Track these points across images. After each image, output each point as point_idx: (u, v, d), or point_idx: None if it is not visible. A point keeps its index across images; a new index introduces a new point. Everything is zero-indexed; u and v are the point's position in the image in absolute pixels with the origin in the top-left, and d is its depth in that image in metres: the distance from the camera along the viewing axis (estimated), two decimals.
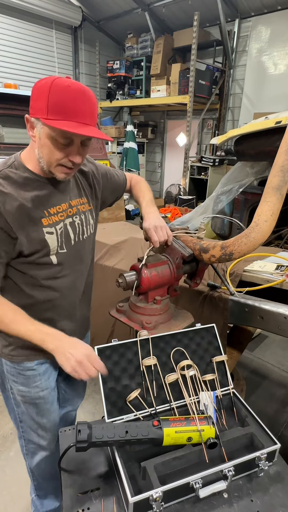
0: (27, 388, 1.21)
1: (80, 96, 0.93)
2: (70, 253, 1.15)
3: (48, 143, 0.96)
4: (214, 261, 1.24)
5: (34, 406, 1.25)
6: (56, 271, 1.13)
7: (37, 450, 1.33)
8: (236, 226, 4.04)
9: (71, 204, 1.16)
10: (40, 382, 1.22)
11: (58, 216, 1.10)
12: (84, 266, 1.25)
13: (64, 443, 1.03)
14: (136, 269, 1.22)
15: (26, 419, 1.27)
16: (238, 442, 0.98)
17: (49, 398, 1.26)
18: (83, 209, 1.21)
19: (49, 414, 1.28)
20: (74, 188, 1.20)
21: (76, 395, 1.53)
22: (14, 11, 6.44)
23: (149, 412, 1.02)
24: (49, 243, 1.07)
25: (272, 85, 6.03)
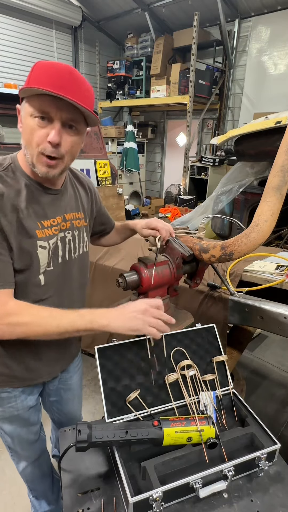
0: (1, 408, 1.14)
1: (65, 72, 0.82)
2: (56, 272, 1.03)
3: (28, 124, 0.86)
4: (214, 261, 1.24)
5: (9, 422, 1.19)
6: (42, 293, 1.01)
7: (20, 458, 1.31)
8: (236, 226, 4.04)
9: (65, 218, 1.05)
10: (15, 403, 1.14)
11: (52, 229, 0.99)
12: (73, 289, 1.13)
13: (64, 443, 1.03)
14: (136, 269, 1.22)
15: (5, 429, 1.21)
16: (238, 442, 0.98)
17: (25, 415, 1.19)
18: (78, 224, 1.11)
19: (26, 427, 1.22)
20: (71, 200, 1.10)
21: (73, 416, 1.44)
22: (14, 11, 6.44)
23: (149, 412, 1.02)
24: (40, 259, 0.96)
25: (272, 85, 6.03)
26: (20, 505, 1.73)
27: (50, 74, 0.81)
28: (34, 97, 0.83)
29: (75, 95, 0.82)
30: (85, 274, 1.21)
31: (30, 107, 0.84)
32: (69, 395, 1.36)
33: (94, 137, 3.66)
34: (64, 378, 1.30)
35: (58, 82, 0.80)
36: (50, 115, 0.84)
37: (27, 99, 0.85)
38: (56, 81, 0.80)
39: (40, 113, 0.84)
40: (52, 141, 0.85)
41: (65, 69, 0.83)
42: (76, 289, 1.15)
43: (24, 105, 0.87)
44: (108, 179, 3.92)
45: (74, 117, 0.87)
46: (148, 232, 1.21)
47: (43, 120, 0.85)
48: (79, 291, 1.18)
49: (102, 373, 1.01)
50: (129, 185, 7.67)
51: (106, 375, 1.02)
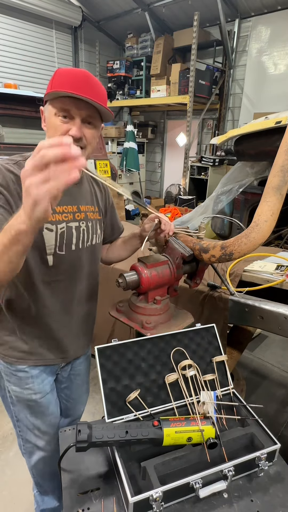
0: (19, 389, 1.21)
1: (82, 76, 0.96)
2: (68, 258, 1.12)
3: (52, 123, 0.98)
4: (214, 261, 1.24)
5: (28, 407, 1.24)
6: (52, 274, 1.10)
7: (35, 450, 1.33)
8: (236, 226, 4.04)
9: (80, 209, 1.15)
10: (32, 385, 1.21)
11: (62, 215, 1.09)
12: (84, 274, 1.21)
13: (64, 443, 1.03)
14: (136, 269, 1.22)
15: (22, 418, 1.27)
16: (238, 442, 0.98)
17: (43, 401, 1.25)
18: (92, 216, 1.20)
19: (44, 416, 1.27)
20: (87, 194, 1.20)
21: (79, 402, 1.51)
22: (14, 11, 6.43)
23: (149, 412, 1.02)
24: (45, 240, 1.04)
25: (272, 85, 6.02)
26: (20, 505, 1.73)
27: (70, 79, 0.95)
28: (56, 99, 0.97)
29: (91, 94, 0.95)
30: (96, 264, 1.28)
31: (53, 108, 0.98)
32: (79, 380, 1.42)
33: None
34: (75, 364, 1.38)
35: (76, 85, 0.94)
36: (71, 113, 0.97)
37: (50, 102, 0.99)
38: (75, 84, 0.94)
39: (62, 112, 0.97)
40: (75, 135, 0.97)
41: (82, 73, 0.98)
42: (85, 277, 1.22)
43: (48, 106, 1.00)
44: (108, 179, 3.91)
45: (91, 114, 1.00)
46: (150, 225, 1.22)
47: (65, 118, 0.98)
48: (88, 279, 1.24)
49: (102, 373, 1.01)
50: (129, 185, 7.67)
51: (106, 375, 1.02)
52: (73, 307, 1.21)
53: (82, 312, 1.26)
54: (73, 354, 1.31)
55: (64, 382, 1.38)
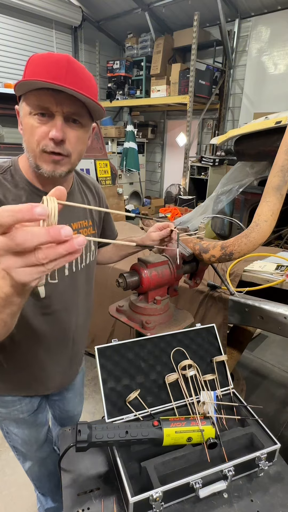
0: (5, 410, 1.15)
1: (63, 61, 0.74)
2: (62, 285, 0.99)
3: (27, 123, 0.79)
4: (214, 261, 1.24)
5: (15, 422, 1.20)
6: (44, 306, 0.97)
7: (26, 458, 1.32)
8: (236, 226, 4.04)
9: (71, 227, 0.99)
10: (19, 406, 1.15)
11: None
12: (80, 299, 1.10)
13: (64, 443, 1.03)
14: (136, 269, 1.22)
15: (10, 432, 1.23)
16: (238, 442, 0.98)
17: (31, 418, 1.20)
18: (85, 233, 1.05)
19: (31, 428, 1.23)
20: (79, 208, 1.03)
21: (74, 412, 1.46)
22: (14, 11, 6.44)
23: (149, 412, 1.02)
24: None
25: (272, 85, 6.02)
26: (20, 505, 1.73)
27: (46, 65, 0.74)
28: (31, 93, 0.76)
29: (75, 85, 0.73)
30: (91, 282, 1.18)
31: (27, 106, 0.78)
32: (71, 394, 1.38)
33: (94, 137, 3.66)
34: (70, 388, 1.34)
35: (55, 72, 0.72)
36: (50, 110, 0.76)
37: (24, 97, 0.79)
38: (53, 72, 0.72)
39: (39, 110, 0.76)
40: (55, 138, 0.77)
41: (62, 58, 0.74)
42: (82, 299, 1.12)
43: (22, 104, 0.80)
44: (108, 179, 3.92)
45: (76, 110, 0.79)
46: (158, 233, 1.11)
47: (43, 117, 0.77)
48: (84, 300, 1.14)
49: (102, 373, 1.01)
50: (129, 185, 7.67)
51: (106, 375, 1.02)
52: (70, 334, 1.11)
53: (78, 337, 1.17)
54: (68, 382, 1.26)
55: (56, 395, 1.33)
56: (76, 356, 1.21)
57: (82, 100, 0.76)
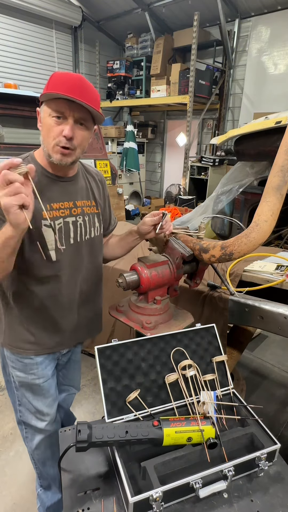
0: (24, 374, 1.27)
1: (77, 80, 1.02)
2: (68, 251, 1.18)
3: (46, 123, 1.04)
4: (214, 261, 1.24)
5: (31, 391, 1.31)
6: (56, 268, 1.16)
7: (36, 432, 1.38)
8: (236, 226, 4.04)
9: (76, 204, 1.20)
10: (36, 371, 1.27)
11: (59, 212, 1.15)
12: (84, 267, 1.26)
13: (64, 443, 1.03)
14: (136, 269, 1.22)
15: (24, 402, 1.33)
16: (238, 442, 0.98)
17: (45, 385, 1.31)
18: (88, 210, 1.25)
19: (45, 398, 1.34)
20: (82, 190, 1.25)
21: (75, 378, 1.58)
22: (14, 11, 6.43)
23: (149, 412, 1.02)
24: (45, 236, 1.10)
25: (272, 85, 6.02)
26: (20, 505, 1.73)
27: (64, 82, 1.01)
28: (51, 100, 1.02)
29: (84, 98, 1.00)
30: (96, 255, 1.32)
31: (48, 109, 1.04)
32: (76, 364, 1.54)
33: (94, 137, 3.66)
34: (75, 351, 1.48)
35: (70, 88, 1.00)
36: (64, 114, 1.03)
37: (45, 103, 1.05)
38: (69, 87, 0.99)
39: (56, 113, 1.03)
40: (66, 135, 1.03)
41: (76, 78, 1.03)
42: (87, 269, 1.28)
43: (43, 107, 1.06)
44: (108, 179, 3.92)
45: (83, 116, 1.05)
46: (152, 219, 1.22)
47: (58, 119, 1.03)
48: (91, 271, 1.30)
49: (102, 373, 1.01)
50: (129, 185, 7.66)
51: (106, 375, 1.02)
52: (76, 298, 1.27)
53: (85, 303, 1.31)
54: (76, 341, 1.38)
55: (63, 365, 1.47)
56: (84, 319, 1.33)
57: (88, 109, 1.03)
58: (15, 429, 2.09)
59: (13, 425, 2.13)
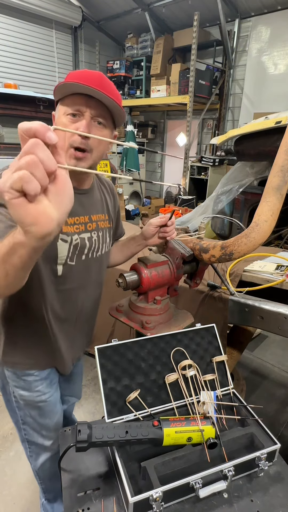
0: (28, 393, 1.19)
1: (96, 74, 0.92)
2: (77, 267, 1.09)
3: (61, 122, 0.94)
4: (214, 261, 1.24)
5: (37, 409, 1.24)
6: (59, 283, 1.07)
7: (41, 451, 1.32)
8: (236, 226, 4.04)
9: (91, 219, 1.11)
10: (42, 387, 1.20)
11: (73, 227, 1.05)
12: (91, 284, 1.19)
13: (64, 443, 1.03)
14: (136, 269, 1.22)
15: (29, 421, 1.26)
16: (238, 442, 0.98)
17: (52, 400, 1.25)
18: (102, 225, 1.17)
19: (53, 415, 1.27)
20: (97, 203, 1.16)
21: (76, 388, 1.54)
22: (14, 11, 6.43)
23: (149, 412, 1.02)
24: (59, 250, 1.01)
25: (272, 85, 6.02)
26: (20, 505, 1.73)
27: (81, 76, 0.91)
28: (67, 97, 0.92)
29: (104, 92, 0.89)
30: (102, 273, 1.26)
31: (63, 107, 0.94)
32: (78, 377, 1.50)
33: None
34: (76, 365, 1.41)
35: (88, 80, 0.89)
36: (81, 111, 0.92)
37: (61, 101, 0.95)
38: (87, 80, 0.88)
39: (72, 110, 0.92)
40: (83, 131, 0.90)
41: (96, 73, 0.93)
42: (92, 286, 1.20)
43: (58, 107, 0.96)
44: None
45: (102, 113, 0.93)
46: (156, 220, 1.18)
47: (73, 117, 0.93)
48: (94, 288, 1.22)
49: (102, 373, 1.01)
50: (129, 185, 7.67)
51: (106, 375, 1.02)
52: (77, 315, 1.19)
53: (85, 319, 1.25)
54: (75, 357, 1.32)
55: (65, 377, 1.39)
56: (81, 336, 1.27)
57: (108, 105, 0.91)
58: (15, 429, 2.08)
59: (13, 425, 2.12)
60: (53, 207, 0.48)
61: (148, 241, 1.25)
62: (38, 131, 0.44)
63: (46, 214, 0.47)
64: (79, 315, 1.20)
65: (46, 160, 0.44)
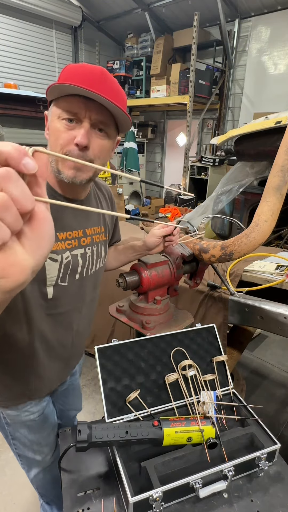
0: (16, 412, 1.10)
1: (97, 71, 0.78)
2: (70, 288, 0.98)
3: (54, 127, 0.81)
4: (214, 261, 1.24)
5: (26, 427, 1.15)
6: (50, 307, 0.95)
7: (33, 465, 1.27)
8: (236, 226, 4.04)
9: (86, 233, 0.99)
10: (30, 407, 1.11)
11: (65, 243, 0.92)
12: (85, 305, 1.09)
13: (64, 443, 1.03)
14: (136, 269, 1.22)
15: (18, 436, 1.18)
16: (238, 442, 0.98)
17: (41, 417, 1.16)
18: (97, 239, 1.06)
19: (43, 430, 1.19)
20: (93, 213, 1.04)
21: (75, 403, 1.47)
22: (14, 11, 6.43)
23: (149, 412, 1.02)
24: (47, 271, 0.89)
25: (272, 85, 6.02)
26: (20, 505, 1.73)
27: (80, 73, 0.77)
28: (62, 98, 0.79)
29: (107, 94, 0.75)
30: (97, 288, 1.15)
31: (58, 109, 0.80)
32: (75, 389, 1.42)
33: None
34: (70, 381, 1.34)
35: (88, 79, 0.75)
36: (79, 116, 0.79)
37: (55, 102, 0.81)
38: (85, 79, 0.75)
39: (68, 115, 0.79)
40: (80, 143, 0.78)
41: (97, 68, 0.79)
42: (86, 305, 1.10)
43: (52, 108, 0.82)
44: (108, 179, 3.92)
45: (104, 119, 0.81)
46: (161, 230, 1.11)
47: (70, 122, 0.80)
48: (89, 306, 1.12)
49: (102, 373, 1.01)
50: (129, 185, 7.67)
51: (106, 375, 1.02)
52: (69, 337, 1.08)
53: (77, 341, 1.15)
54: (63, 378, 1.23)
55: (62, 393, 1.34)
56: (73, 357, 1.19)
57: (111, 109, 0.78)
58: None
59: None
60: (28, 254, 0.34)
61: (151, 251, 1.18)
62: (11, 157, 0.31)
63: (17, 264, 0.33)
64: (75, 338, 1.10)
65: (20, 198, 0.31)
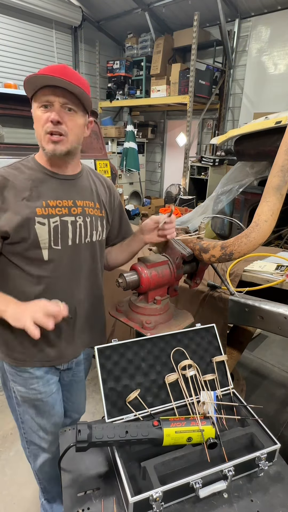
0: (24, 389, 1.20)
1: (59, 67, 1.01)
2: (65, 252, 1.11)
3: (36, 114, 1.03)
4: (214, 261, 1.24)
5: (33, 407, 1.24)
6: (49, 269, 1.09)
7: (39, 452, 1.32)
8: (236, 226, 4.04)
9: (76, 203, 1.13)
10: (37, 385, 1.20)
11: (55, 209, 1.08)
12: (83, 273, 1.19)
13: (64, 443, 1.03)
14: (136, 269, 1.22)
15: (27, 420, 1.26)
16: (238, 442, 0.98)
17: (49, 401, 1.24)
18: (91, 212, 1.18)
19: (50, 416, 1.27)
20: (85, 190, 1.19)
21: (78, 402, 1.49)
22: (14, 11, 6.43)
23: (149, 412, 1.02)
24: (38, 234, 1.05)
25: (272, 85, 6.02)
26: (20, 505, 1.73)
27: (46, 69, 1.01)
28: (38, 92, 1.01)
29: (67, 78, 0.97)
30: (97, 262, 1.25)
31: (35, 102, 1.03)
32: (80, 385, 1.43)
33: (94, 137, 3.65)
34: (76, 371, 1.36)
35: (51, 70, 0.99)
36: (50, 101, 1.00)
37: (33, 98, 1.03)
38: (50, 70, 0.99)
39: (43, 102, 1.00)
40: (53, 119, 1.00)
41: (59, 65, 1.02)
42: (85, 273, 1.20)
43: (32, 103, 1.04)
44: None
45: (70, 100, 1.01)
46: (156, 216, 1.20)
47: (46, 108, 1.01)
48: (88, 276, 1.22)
49: (102, 373, 1.01)
50: (129, 185, 7.67)
51: (106, 375, 1.02)
52: (73, 307, 1.16)
53: (83, 312, 1.23)
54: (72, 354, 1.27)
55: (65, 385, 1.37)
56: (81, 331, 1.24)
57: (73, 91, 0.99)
58: (15, 429, 2.08)
59: (13, 425, 2.13)
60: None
61: (145, 236, 1.23)
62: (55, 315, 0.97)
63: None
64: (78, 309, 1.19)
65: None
